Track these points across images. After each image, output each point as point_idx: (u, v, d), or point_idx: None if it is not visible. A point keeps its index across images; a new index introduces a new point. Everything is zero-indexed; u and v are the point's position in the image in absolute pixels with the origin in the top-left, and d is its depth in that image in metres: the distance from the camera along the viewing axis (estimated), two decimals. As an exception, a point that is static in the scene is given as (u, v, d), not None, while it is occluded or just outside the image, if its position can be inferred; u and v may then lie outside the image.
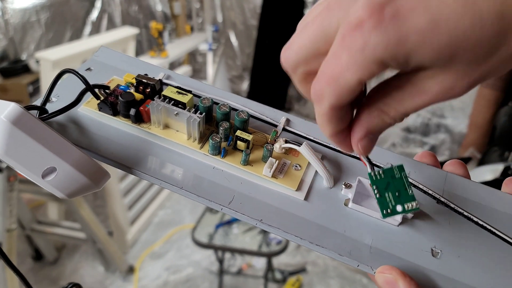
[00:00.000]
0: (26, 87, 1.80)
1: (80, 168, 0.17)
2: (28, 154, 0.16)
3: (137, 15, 2.77)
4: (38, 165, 0.16)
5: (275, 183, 0.19)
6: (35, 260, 1.46)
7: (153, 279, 1.41)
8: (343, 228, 0.18)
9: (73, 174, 0.17)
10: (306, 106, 2.98)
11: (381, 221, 0.18)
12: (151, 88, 0.21)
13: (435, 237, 0.17)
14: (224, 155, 0.20)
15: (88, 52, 1.62)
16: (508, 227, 0.17)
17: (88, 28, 2.47)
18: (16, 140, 0.16)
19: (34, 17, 2.15)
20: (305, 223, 0.18)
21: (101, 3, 2.52)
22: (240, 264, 1.47)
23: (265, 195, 0.19)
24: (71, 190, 0.17)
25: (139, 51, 2.75)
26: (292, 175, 0.20)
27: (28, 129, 0.16)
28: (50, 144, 0.17)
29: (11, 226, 1.06)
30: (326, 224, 0.18)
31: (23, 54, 2.12)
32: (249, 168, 0.20)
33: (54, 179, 0.17)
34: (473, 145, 2.02)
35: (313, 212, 0.18)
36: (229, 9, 3.21)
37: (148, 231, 1.65)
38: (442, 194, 0.19)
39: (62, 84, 0.23)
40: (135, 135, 0.21)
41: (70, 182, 0.17)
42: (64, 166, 0.17)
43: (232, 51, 3.36)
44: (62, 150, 0.17)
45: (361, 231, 0.18)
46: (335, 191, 0.19)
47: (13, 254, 1.09)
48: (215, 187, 0.19)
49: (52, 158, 0.17)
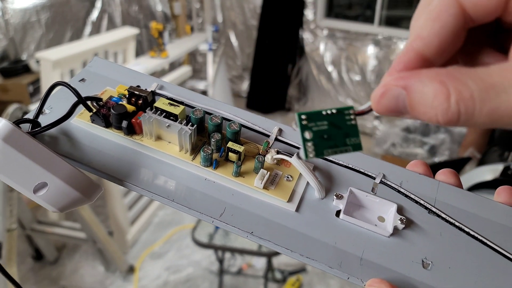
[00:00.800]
0: (26, 87, 1.80)
1: (71, 182, 0.17)
2: (19, 170, 0.16)
3: (137, 15, 2.77)
4: (29, 181, 0.17)
5: (267, 194, 0.19)
6: (35, 260, 1.46)
7: (153, 279, 1.41)
8: (334, 239, 0.18)
9: (64, 188, 0.17)
10: (306, 106, 2.98)
11: (372, 232, 0.17)
12: (143, 100, 0.21)
13: (426, 248, 0.17)
14: (216, 167, 0.20)
15: (88, 52, 1.62)
16: (500, 238, 0.17)
17: (88, 28, 2.47)
18: (7, 156, 0.16)
19: (35, 17, 2.15)
20: (296, 235, 0.18)
21: (101, 3, 2.52)
22: (240, 264, 1.47)
23: (257, 207, 0.19)
24: (63, 204, 0.17)
25: (139, 51, 2.75)
26: (283, 186, 0.20)
27: (18, 146, 0.16)
28: (41, 159, 0.17)
29: (11, 226, 1.06)
30: (317, 236, 0.18)
31: (23, 54, 2.12)
32: (241, 179, 0.20)
33: (45, 194, 0.17)
34: (473, 145, 2.02)
35: (304, 224, 0.18)
36: (229, 9, 3.21)
37: (148, 231, 1.65)
38: (434, 204, 0.19)
39: (55, 96, 0.23)
40: (127, 147, 0.21)
41: (62, 197, 0.17)
42: (55, 181, 0.17)
43: (232, 51, 3.36)
44: (53, 165, 0.17)
45: (352, 242, 0.17)
46: (326, 202, 0.19)
47: (13, 254, 1.09)
48: (207, 199, 0.19)
49: (43, 174, 0.17)
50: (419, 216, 0.18)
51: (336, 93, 2.80)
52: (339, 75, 2.74)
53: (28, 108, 1.02)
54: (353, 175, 0.20)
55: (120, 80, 0.24)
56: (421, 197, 0.19)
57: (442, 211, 0.18)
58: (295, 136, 0.22)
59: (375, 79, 2.58)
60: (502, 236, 0.17)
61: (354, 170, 0.20)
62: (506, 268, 0.16)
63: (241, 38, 3.26)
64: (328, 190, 0.20)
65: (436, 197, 0.19)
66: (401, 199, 0.19)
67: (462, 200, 0.18)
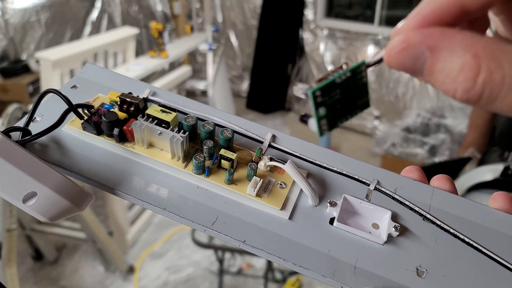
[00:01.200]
0: (26, 87, 1.80)
1: (61, 191, 0.17)
2: (7, 180, 0.16)
3: (137, 15, 2.77)
4: (18, 190, 0.17)
5: (260, 202, 0.19)
6: (35, 260, 1.47)
7: (153, 279, 1.41)
8: (327, 247, 0.17)
9: (54, 198, 0.17)
10: (306, 106, 2.98)
11: (366, 240, 0.17)
12: (134, 107, 0.21)
13: (420, 256, 0.17)
14: (208, 174, 0.20)
15: (88, 52, 1.62)
16: (496, 245, 0.17)
17: (88, 28, 2.47)
18: None
19: (34, 17, 2.15)
20: (289, 244, 0.18)
21: (101, 3, 2.52)
22: (240, 264, 1.47)
23: (249, 215, 0.19)
24: (53, 213, 0.17)
25: (139, 51, 2.75)
26: (277, 193, 0.19)
27: (7, 155, 0.16)
28: (30, 169, 0.17)
29: (11, 226, 1.06)
30: (310, 244, 0.18)
31: (23, 54, 2.12)
32: (233, 187, 0.19)
33: (35, 203, 0.17)
34: (473, 145, 2.02)
35: (297, 232, 0.18)
36: (229, 9, 3.21)
37: (148, 231, 1.65)
38: (429, 211, 0.18)
39: (47, 103, 0.22)
40: (119, 155, 0.21)
41: (51, 206, 0.17)
42: (44, 190, 0.17)
43: (232, 51, 3.36)
44: (42, 174, 0.17)
45: (346, 250, 0.17)
46: (320, 209, 0.19)
47: (13, 254, 1.09)
48: (199, 207, 0.19)
49: (32, 183, 0.17)
50: (413, 223, 0.18)
51: (336, 93, 2.80)
52: (339, 75, 2.74)
53: (27, 108, 1.02)
54: (347, 182, 0.20)
55: (112, 87, 0.24)
56: (416, 204, 0.18)
57: (436, 218, 0.18)
58: (289, 142, 0.22)
59: (375, 79, 2.58)
60: (498, 243, 0.17)
61: (348, 177, 0.20)
62: (502, 275, 0.16)
63: (241, 38, 3.26)
64: (321, 197, 0.19)
65: (430, 204, 0.19)
66: (395, 206, 0.19)
67: (457, 206, 0.18)
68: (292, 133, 1.14)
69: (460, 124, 2.24)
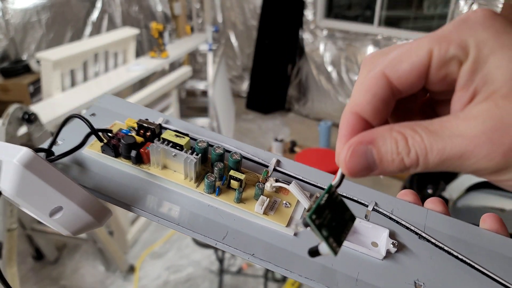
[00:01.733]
0: (27, 87, 1.80)
1: (85, 206, 0.18)
2: (37, 195, 0.17)
3: (137, 16, 2.78)
4: (46, 205, 0.18)
5: (266, 219, 0.20)
6: (35, 259, 1.47)
7: (154, 278, 1.41)
8: (330, 261, 0.19)
9: (78, 212, 0.18)
10: (305, 107, 2.98)
11: (366, 255, 0.19)
12: (151, 131, 0.23)
13: (418, 271, 0.18)
14: (218, 194, 0.21)
15: (88, 53, 1.62)
16: (486, 261, 0.18)
17: (88, 28, 2.47)
18: (27, 182, 0.17)
19: (35, 17, 2.15)
20: (294, 257, 0.19)
21: (101, 3, 2.52)
22: (240, 263, 1.48)
23: (257, 231, 0.20)
24: (76, 227, 0.19)
25: (140, 51, 2.75)
26: (282, 212, 0.21)
27: (38, 172, 0.17)
28: (58, 185, 0.18)
29: (11, 226, 1.07)
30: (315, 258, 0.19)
31: (24, 54, 2.13)
32: (242, 205, 0.21)
33: (61, 217, 0.18)
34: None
35: (302, 247, 0.19)
36: (229, 9, 3.22)
37: (148, 231, 1.65)
38: (424, 230, 0.20)
39: (66, 128, 0.24)
40: (135, 175, 0.22)
41: (76, 220, 0.18)
42: (70, 205, 0.18)
43: (232, 52, 3.37)
44: (69, 190, 0.18)
45: (348, 264, 0.18)
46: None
47: (13, 253, 1.09)
48: (210, 223, 0.20)
49: (60, 198, 0.18)
50: (410, 241, 0.19)
51: (335, 93, 2.80)
52: (339, 75, 2.74)
53: (28, 108, 1.02)
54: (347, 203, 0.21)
55: (127, 114, 0.26)
56: (412, 223, 0.20)
57: (431, 236, 0.19)
58: (292, 166, 0.23)
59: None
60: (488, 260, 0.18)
61: (348, 198, 0.21)
62: None
63: (241, 38, 3.26)
64: None
65: (425, 224, 0.20)
66: (392, 225, 0.20)
67: (450, 226, 0.19)
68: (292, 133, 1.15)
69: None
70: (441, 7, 2.39)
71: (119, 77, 1.67)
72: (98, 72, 1.78)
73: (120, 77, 1.66)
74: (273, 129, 2.75)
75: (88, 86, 1.58)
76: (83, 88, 1.55)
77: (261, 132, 2.70)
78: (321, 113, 2.89)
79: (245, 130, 2.72)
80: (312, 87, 2.93)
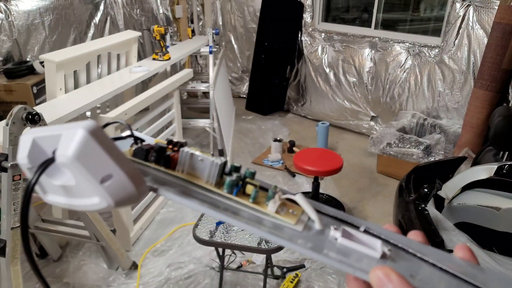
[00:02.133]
0: (30, 88, 1.82)
1: (132, 178, 0.20)
2: (94, 161, 0.19)
3: (139, 18, 2.81)
4: (99, 171, 0.20)
5: (278, 217, 0.23)
6: (39, 257, 1.48)
7: (155, 275, 1.43)
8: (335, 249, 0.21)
9: (125, 182, 0.20)
10: (304, 107, 3.01)
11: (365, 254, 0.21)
12: (180, 145, 0.26)
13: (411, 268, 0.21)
14: (236, 194, 0.24)
15: (91, 55, 1.65)
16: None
17: (91, 30, 2.50)
18: (89, 147, 0.19)
19: (38, 19, 2.18)
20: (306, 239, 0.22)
21: (104, 6, 2.55)
22: (240, 260, 1.50)
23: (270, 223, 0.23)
24: (120, 197, 0.20)
25: (142, 53, 2.78)
26: (290, 215, 0.23)
27: (99, 140, 0.19)
28: (113, 154, 0.20)
29: (15, 225, 1.08)
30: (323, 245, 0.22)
31: (27, 56, 2.15)
32: (256, 205, 0.23)
33: (109, 185, 0.20)
34: (467, 145, 2.06)
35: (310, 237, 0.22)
36: (229, 12, 3.25)
37: (150, 229, 1.67)
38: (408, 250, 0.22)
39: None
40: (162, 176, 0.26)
41: (121, 190, 0.20)
42: (120, 174, 0.20)
43: (232, 54, 3.40)
44: (120, 160, 0.20)
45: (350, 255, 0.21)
46: (325, 232, 0.23)
47: (17, 251, 1.11)
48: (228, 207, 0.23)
49: (112, 166, 0.20)
50: (399, 253, 0.22)
51: (333, 94, 2.83)
52: (337, 76, 2.78)
53: (32, 109, 1.02)
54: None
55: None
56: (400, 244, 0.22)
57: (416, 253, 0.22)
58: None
59: (371, 81, 2.62)
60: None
61: (341, 221, 0.24)
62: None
63: (241, 41, 3.29)
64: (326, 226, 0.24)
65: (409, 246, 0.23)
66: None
67: (429, 252, 0.22)
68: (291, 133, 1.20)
69: (455, 125, 2.28)
70: (438, 10, 2.43)
71: (122, 78, 1.69)
72: (100, 74, 1.80)
73: (122, 79, 1.68)
74: (272, 129, 2.78)
75: (91, 87, 1.60)
76: (86, 89, 1.57)
77: (260, 132, 2.72)
78: (319, 113, 2.92)
79: (245, 130, 2.74)
80: (310, 88, 2.96)
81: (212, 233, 1.17)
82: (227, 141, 2.23)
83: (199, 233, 1.16)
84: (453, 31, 2.18)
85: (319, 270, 1.46)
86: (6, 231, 1.07)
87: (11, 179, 1.02)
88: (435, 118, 2.38)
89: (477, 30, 2.10)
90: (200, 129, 2.31)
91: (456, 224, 1.21)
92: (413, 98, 2.45)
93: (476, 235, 1.15)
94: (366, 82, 2.63)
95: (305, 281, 1.42)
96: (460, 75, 2.20)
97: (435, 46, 2.28)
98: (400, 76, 2.47)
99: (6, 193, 1.03)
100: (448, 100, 2.30)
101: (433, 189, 1.34)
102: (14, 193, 1.05)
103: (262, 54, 2.98)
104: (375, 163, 2.24)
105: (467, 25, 2.13)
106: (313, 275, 1.45)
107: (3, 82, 1.83)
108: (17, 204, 1.08)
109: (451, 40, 2.20)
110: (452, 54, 2.21)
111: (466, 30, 2.13)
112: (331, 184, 2.08)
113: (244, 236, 1.16)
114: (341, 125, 2.81)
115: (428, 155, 2.02)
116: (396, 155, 2.06)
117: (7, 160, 0.99)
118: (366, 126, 2.73)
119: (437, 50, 2.27)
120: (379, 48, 2.55)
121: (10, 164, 1.00)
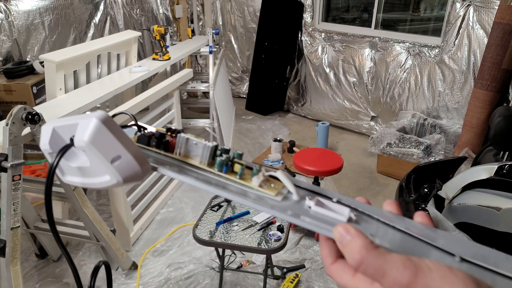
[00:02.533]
0: (30, 88, 1.82)
1: (137, 158, 0.25)
2: (105, 144, 0.24)
3: (139, 18, 2.81)
4: (110, 153, 0.24)
5: (260, 190, 0.26)
6: (39, 257, 1.48)
7: (155, 276, 1.43)
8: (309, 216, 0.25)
9: (131, 162, 0.24)
10: (304, 107, 3.01)
11: (334, 219, 0.24)
12: (177, 132, 0.30)
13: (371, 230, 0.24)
14: (225, 172, 0.28)
15: (91, 54, 1.64)
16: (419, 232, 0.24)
17: (91, 30, 2.50)
18: (101, 133, 0.23)
19: (38, 19, 2.18)
20: (285, 207, 0.25)
21: (104, 6, 2.55)
22: (240, 260, 1.50)
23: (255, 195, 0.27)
24: (127, 175, 0.25)
25: (142, 53, 2.78)
26: (271, 189, 0.27)
27: (109, 127, 0.24)
28: (121, 138, 0.24)
29: (15, 225, 1.08)
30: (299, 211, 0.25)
31: (27, 56, 2.15)
32: (242, 180, 0.27)
33: (119, 164, 0.24)
34: (468, 145, 2.06)
35: (289, 205, 0.26)
36: (229, 12, 3.25)
37: (150, 229, 1.67)
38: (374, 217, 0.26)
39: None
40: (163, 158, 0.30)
41: (128, 169, 0.24)
42: (127, 155, 0.24)
43: (232, 54, 3.40)
44: (127, 143, 0.24)
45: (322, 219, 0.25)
46: (301, 202, 0.26)
47: (17, 252, 1.11)
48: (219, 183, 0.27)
49: (120, 149, 0.24)
50: (364, 218, 0.25)
51: (333, 94, 2.83)
52: (337, 76, 2.78)
53: (32, 108, 1.02)
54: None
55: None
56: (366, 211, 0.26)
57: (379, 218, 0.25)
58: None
59: (371, 81, 2.62)
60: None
61: (319, 194, 0.27)
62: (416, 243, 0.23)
63: (241, 41, 3.29)
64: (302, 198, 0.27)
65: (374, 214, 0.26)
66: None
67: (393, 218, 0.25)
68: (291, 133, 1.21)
69: (455, 125, 2.28)
70: (438, 9, 2.43)
71: (122, 78, 1.69)
72: (100, 74, 1.80)
73: (122, 79, 1.68)
74: (272, 129, 2.78)
75: (91, 87, 1.59)
76: (86, 89, 1.57)
77: (260, 132, 2.72)
78: (319, 113, 2.92)
79: (245, 130, 2.74)
80: (310, 88, 2.96)
81: (212, 233, 1.17)
82: (227, 141, 2.23)
83: (199, 233, 1.16)
84: (453, 31, 2.18)
85: (319, 270, 1.46)
86: (6, 231, 1.07)
87: (11, 179, 1.02)
88: (435, 118, 2.38)
89: (477, 30, 2.10)
90: (200, 129, 2.31)
91: (456, 224, 1.21)
92: (413, 98, 2.45)
93: (476, 235, 1.15)
94: (366, 82, 2.63)
95: (305, 281, 1.42)
96: (460, 75, 2.20)
97: (435, 46, 2.28)
98: (400, 76, 2.47)
99: (6, 193, 1.03)
100: (448, 100, 2.30)
101: (433, 189, 1.34)
102: (14, 193, 1.05)
103: (262, 54, 2.98)
104: (375, 163, 2.24)
105: (467, 25, 2.13)
106: (313, 275, 1.45)
107: (3, 82, 1.83)
108: (17, 204, 1.08)
109: (451, 40, 2.20)
110: (452, 54, 2.21)
111: (466, 30, 2.13)
112: (331, 184, 2.07)
113: (244, 236, 1.16)
114: (341, 125, 2.81)
115: (428, 155, 2.02)
116: (396, 155, 2.06)
117: (7, 160, 0.99)
118: (366, 126, 2.73)
119: (437, 50, 2.27)
120: (379, 48, 2.55)
121: (10, 164, 1.00)
